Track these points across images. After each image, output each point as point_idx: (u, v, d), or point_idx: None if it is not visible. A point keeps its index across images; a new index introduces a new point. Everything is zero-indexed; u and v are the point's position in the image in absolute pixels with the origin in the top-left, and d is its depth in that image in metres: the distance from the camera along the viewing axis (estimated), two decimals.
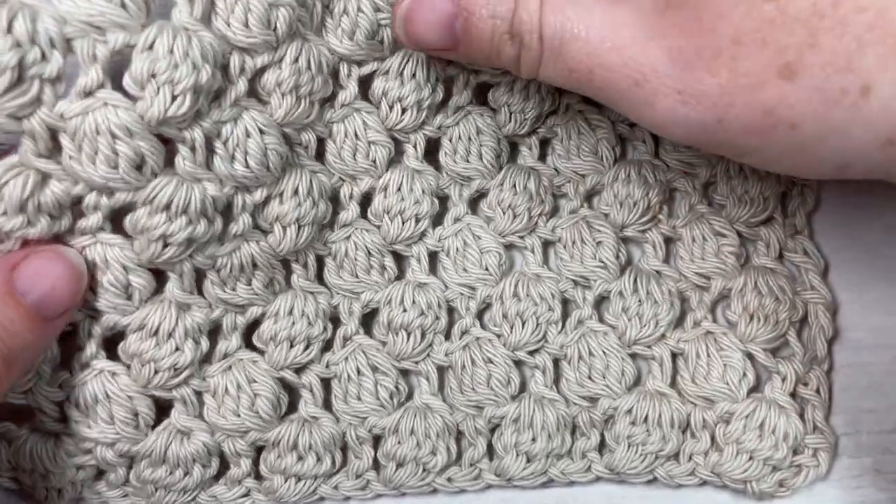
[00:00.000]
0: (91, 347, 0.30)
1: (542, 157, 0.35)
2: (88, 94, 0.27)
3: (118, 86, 0.27)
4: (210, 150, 0.29)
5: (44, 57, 0.26)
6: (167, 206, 0.28)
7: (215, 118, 0.29)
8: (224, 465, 0.33)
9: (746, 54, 0.23)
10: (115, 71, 0.27)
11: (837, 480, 0.34)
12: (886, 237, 0.36)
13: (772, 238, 0.35)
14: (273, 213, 0.31)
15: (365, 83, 0.33)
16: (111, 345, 0.31)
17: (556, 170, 0.35)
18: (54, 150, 0.27)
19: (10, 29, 0.25)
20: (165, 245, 0.29)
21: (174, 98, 0.27)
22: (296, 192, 0.31)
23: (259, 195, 0.30)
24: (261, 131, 0.29)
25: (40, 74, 0.26)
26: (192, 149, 0.28)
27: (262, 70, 0.29)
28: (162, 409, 0.32)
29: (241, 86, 0.29)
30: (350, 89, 0.33)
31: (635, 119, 0.27)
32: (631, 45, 0.25)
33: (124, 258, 0.29)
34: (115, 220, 0.29)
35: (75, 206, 0.28)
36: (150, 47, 0.27)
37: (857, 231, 0.35)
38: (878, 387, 0.35)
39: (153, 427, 0.32)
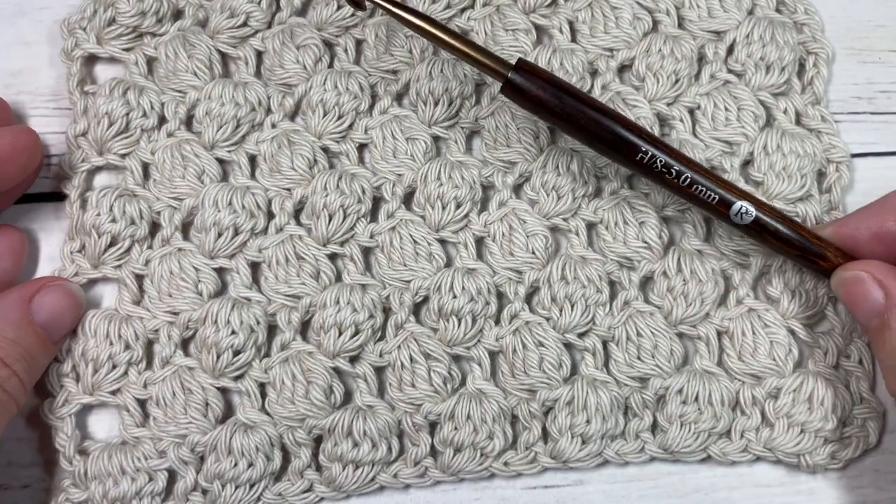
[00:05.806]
0: (170, 348, 0.34)
1: None
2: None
3: None
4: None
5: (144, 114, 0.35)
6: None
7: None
8: (286, 461, 0.33)
9: None
10: None
11: (837, 480, 0.34)
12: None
13: (808, 213, 0.35)
14: (308, 207, 0.35)
15: (400, 93, 0.37)
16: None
17: None
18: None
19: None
20: (219, 234, 0.34)
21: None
22: (324, 186, 0.34)
23: (296, 195, 0.35)
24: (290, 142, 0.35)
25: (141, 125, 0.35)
26: None
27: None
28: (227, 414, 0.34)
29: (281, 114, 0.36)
30: (386, 100, 0.36)
31: None
32: None
33: (196, 261, 0.34)
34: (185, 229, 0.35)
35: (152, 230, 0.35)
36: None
37: None
38: (878, 388, 0.35)
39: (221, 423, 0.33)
